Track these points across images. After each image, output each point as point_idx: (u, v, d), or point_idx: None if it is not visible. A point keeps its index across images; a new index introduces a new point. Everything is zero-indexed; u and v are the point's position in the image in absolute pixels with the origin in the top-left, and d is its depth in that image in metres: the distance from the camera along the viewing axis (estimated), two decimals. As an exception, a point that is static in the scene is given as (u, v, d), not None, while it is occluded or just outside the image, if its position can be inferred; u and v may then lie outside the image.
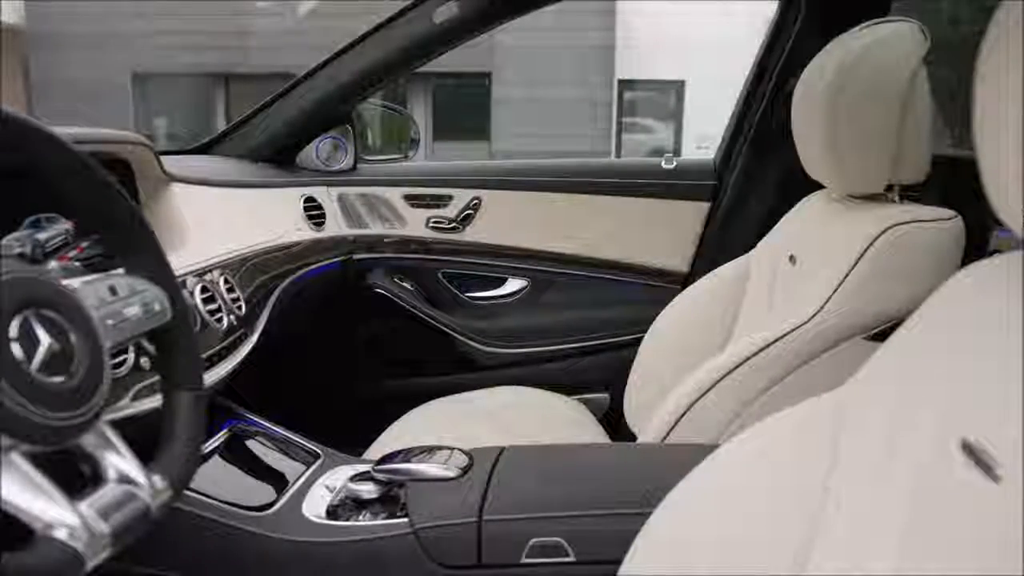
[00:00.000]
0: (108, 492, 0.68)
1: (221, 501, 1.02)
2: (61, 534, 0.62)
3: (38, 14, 11.99)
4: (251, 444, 1.22)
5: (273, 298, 1.43)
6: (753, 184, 1.75)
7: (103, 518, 0.65)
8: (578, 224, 1.86)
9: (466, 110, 12.07)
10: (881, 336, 1.10)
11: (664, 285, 1.84)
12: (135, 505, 0.69)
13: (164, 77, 12.24)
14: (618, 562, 0.73)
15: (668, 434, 1.19)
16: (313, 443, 1.23)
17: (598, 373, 1.84)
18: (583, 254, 1.87)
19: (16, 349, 0.62)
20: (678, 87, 12.43)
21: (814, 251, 1.27)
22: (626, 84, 12.39)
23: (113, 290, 0.77)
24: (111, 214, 0.79)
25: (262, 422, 1.26)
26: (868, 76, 1.13)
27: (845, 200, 1.28)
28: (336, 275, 1.78)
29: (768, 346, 1.16)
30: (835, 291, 1.12)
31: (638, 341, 1.61)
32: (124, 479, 0.71)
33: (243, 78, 12.12)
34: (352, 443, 1.30)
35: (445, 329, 1.87)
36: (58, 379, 0.65)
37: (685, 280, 1.81)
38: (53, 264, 0.97)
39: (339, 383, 1.92)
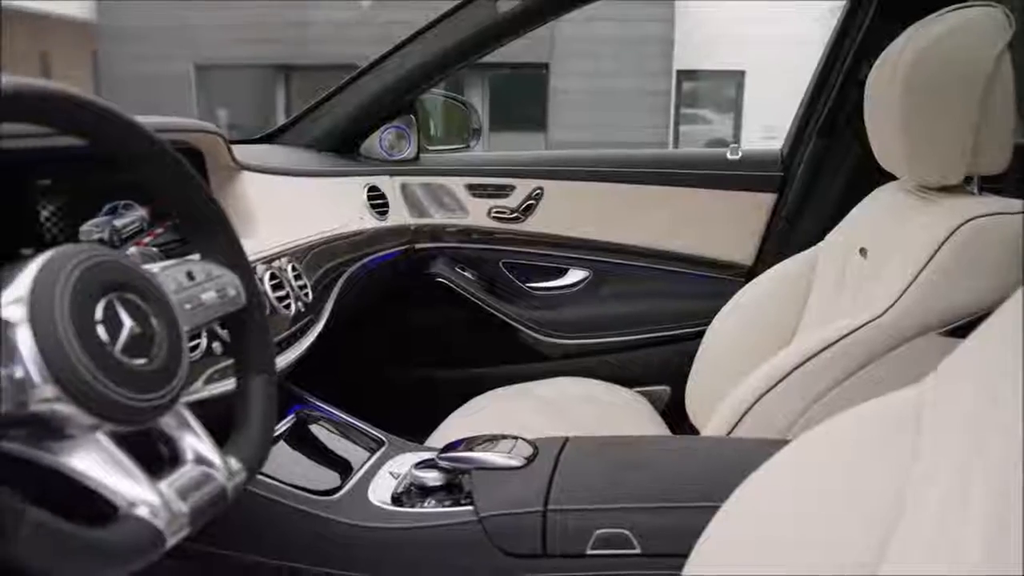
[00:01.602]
0: (186, 473, 0.70)
1: (289, 484, 1.04)
2: (143, 512, 0.64)
3: (108, 8, 12.32)
4: (316, 429, 1.23)
5: (338, 286, 1.44)
6: (822, 175, 1.72)
7: (182, 498, 0.67)
8: (641, 215, 1.84)
9: (522, 101, 12.07)
10: (958, 331, 1.07)
11: (727, 278, 1.81)
12: (212, 486, 0.70)
13: (226, 69, 12.48)
14: (684, 556, 0.72)
15: (734, 428, 1.18)
16: (376, 430, 1.25)
17: (659, 366, 1.82)
18: (645, 245, 1.85)
19: (101, 331, 0.64)
20: (738, 77, 12.25)
21: (887, 244, 1.24)
22: (685, 74, 12.24)
23: (190, 275, 0.78)
24: (190, 202, 0.80)
25: (327, 407, 1.28)
26: (948, 62, 1.10)
27: (920, 191, 1.24)
28: (398, 264, 1.79)
29: (838, 341, 1.13)
30: (910, 285, 1.09)
31: (700, 334, 1.59)
32: (201, 460, 0.72)
33: (303, 69, 12.31)
34: (411, 430, 1.31)
35: (505, 319, 1.87)
36: (140, 361, 0.66)
37: (749, 273, 1.78)
38: (132, 249, 1.00)
39: (399, 371, 1.94)
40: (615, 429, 1.43)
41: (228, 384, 0.99)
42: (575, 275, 1.90)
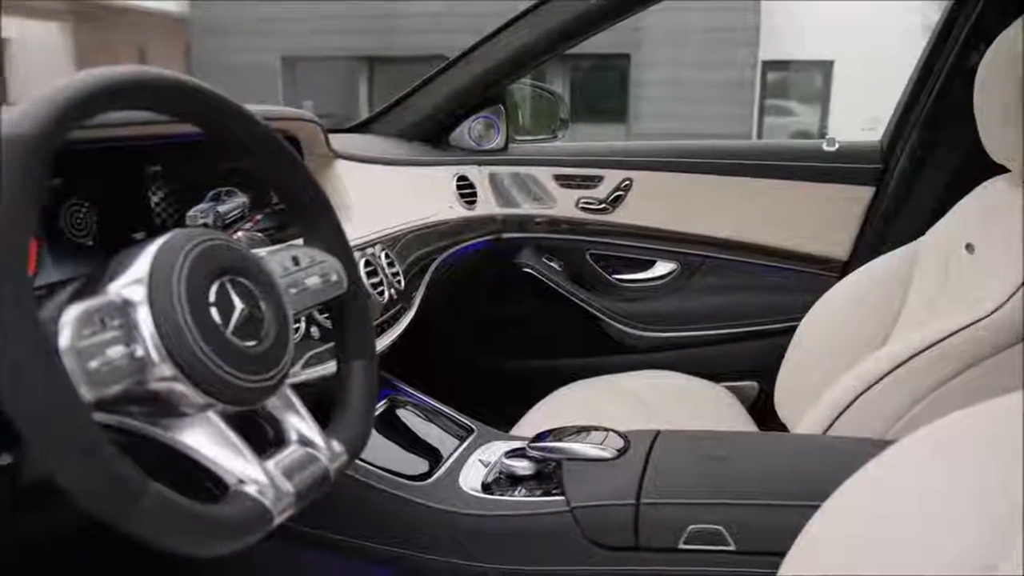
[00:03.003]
0: (291, 453, 0.72)
1: (381, 468, 1.05)
2: (251, 490, 0.65)
3: (200, 3, 12.72)
4: (406, 415, 1.25)
5: (428, 274, 1.46)
6: (924, 168, 1.65)
7: (288, 478, 0.68)
8: (731, 207, 1.81)
9: (604, 92, 11.98)
10: None
11: (821, 273, 1.76)
12: (316, 467, 0.72)
13: (311, 60, 12.74)
14: (780, 555, 0.71)
15: (830, 427, 1.15)
16: (465, 417, 1.26)
17: (747, 361, 1.79)
18: (735, 238, 1.82)
19: (214, 313, 0.66)
20: (825, 67, 11.91)
21: (997, 240, 1.19)
22: (770, 65, 11.96)
23: (295, 260, 0.80)
24: (296, 188, 0.82)
25: (417, 394, 1.30)
26: None
27: None
28: (486, 253, 1.80)
29: (941, 341, 1.09)
30: (1022, 285, 1.05)
31: (791, 330, 1.55)
32: (305, 442, 0.74)
33: (387, 61, 12.48)
34: (496, 419, 1.31)
35: (591, 310, 1.86)
36: (250, 343, 0.68)
37: (844, 268, 1.73)
38: (240, 234, 1.03)
39: (485, 359, 1.95)
40: (702, 424, 1.41)
41: (324, 368, 1.01)
42: (663, 267, 1.88)
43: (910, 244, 1.44)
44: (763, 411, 1.62)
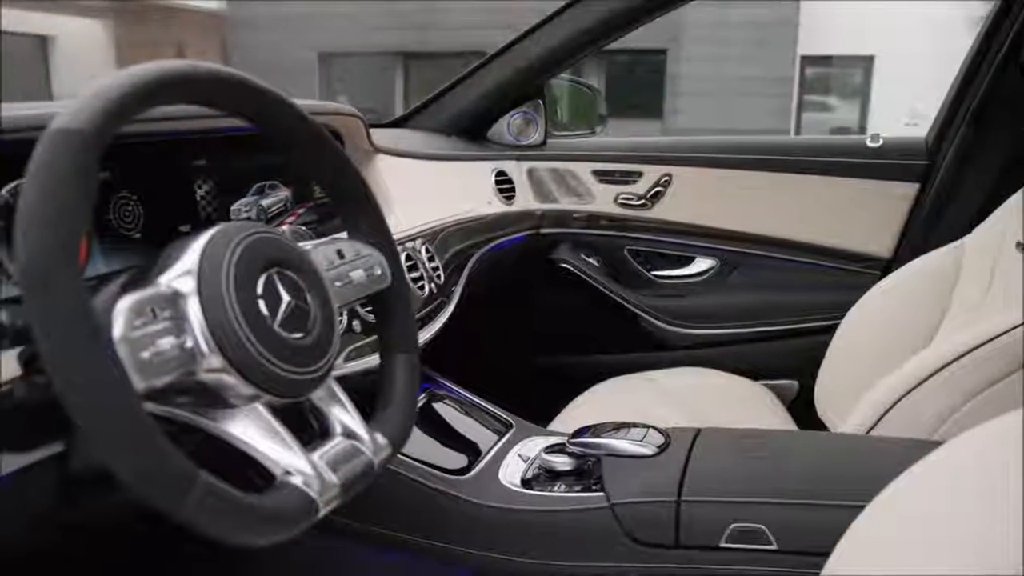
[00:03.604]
0: (336, 445, 0.72)
1: (422, 462, 1.06)
2: (297, 481, 0.66)
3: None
4: (446, 409, 1.25)
5: (467, 269, 1.46)
6: (971, 165, 1.62)
7: (333, 470, 0.69)
8: (772, 203, 1.79)
9: (639, 87, 11.92)
10: None
11: (863, 270, 1.74)
12: (360, 460, 0.72)
13: (347, 56, 12.83)
14: (823, 555, 0.70)
15: (874, 427, 1.13)
16: (504, 412, 1.26)
17: (787, 359, 1.77)
18: (776, 235, 1.80)
19: (262, 305, 0.66)
20: (866, 63, 11.74)
21: (1048, 238, 1.16)
22: (809, 60, 11.82)
23: (340, 254, 0.80)
24: (342, 182, 0.82)
25: (455, 388, 1.30)
26: None
27: None
28: (524, 249, 1.80)
29: (989, 341, 1.07)
30: None
31: (832, 328, 1.53)
32: (350, 434, 0.74)
33: (422, 57, 12.52)
34: (533, 414, 1.31)
35: (629, 306, 1.85)
36: (296, 336, 0.69)
37: (887, 266, 1.71)
38: (285, 228, 1.04)
39: (522, 354, 1.95)
40: (741, 422, 1.40)
41: (366, 362, 1.02)
42: (702, 264, 1.86)
43: (956, 242, 1.41)
44: (802, 410, 1.60)
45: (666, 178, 1.82)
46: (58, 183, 0.55)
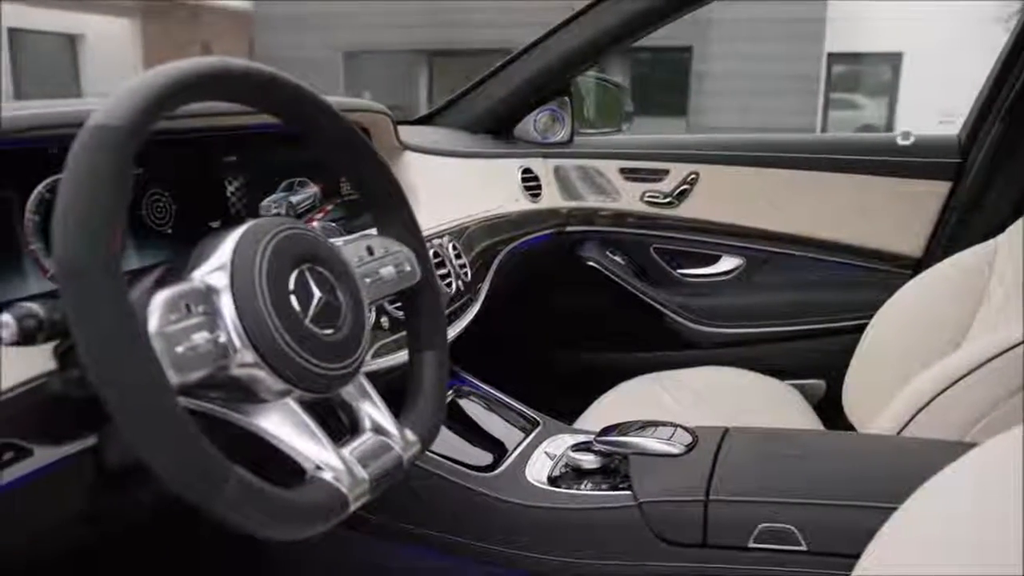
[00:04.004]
0: (366, 441, 0.72)
1: (448, 459, 1.06)
2: (328, 476, 0.66)
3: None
4: (472, 406, 1.26)
5: (493, 267, 1.46)
6: (1006, 162, 1.60)
7: (363, 465, 0.69)
8: (800, 202, 1.77)
9: (663, 85, 11.87)
10: None
11: (892, 270, 1.72)
12: (390, 456, 0.72)
13: (371, 54, 12.87)
14: (854, 556, 0.69)
15: (904, 427, 1.12)
16: (530, 409, 1.25)
17: (814, 358, 1.75)
18: (804, 233, 1.78)
19: (293, 301, 0.67)
20: (894, 60, 11.62)
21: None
22: (836, 57, 11.71)
23: (370, 250, 0.81)
24: (372, 179, 0.83)
25: (481, 385, 1.30)
26: None
27: None
28: (549, 246, 1.79)
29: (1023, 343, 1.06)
30: None
31: (860, 328, 1.52)
32: (379, 430, 0.74)
33: (446, 54, 12.54)
34: (558, 412, 1.31)
35: (655, 305, 1.84)
36: (327, 331, 0.69)
37: (917, 266, 1.69)
38: (316, 224, 1.04)
39: (546, 352, 1.95)
40: (767, 421, 1.39)
41: (393, 358, 1.02)
42: (728, 262, 1.85)
43: (988, 241, 1.39)
44: (829, 410, 1.59)
45: (693, 176, 1.81)
46: (96, 179, 0.55)
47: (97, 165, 0.56)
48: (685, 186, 1.82)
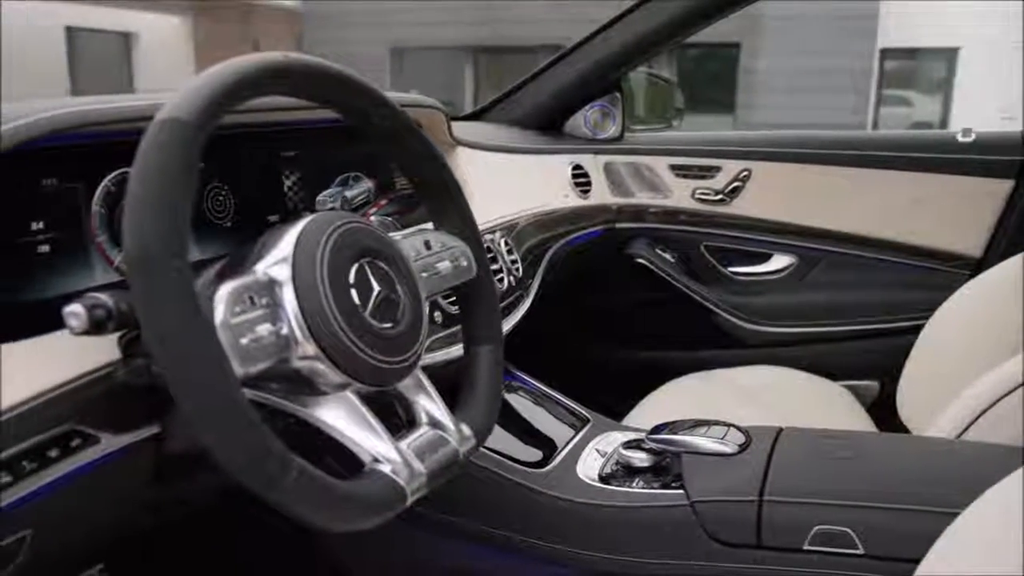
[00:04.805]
0: (422, 435, 0.73)
1: (499, 454, 1.06)
2: (386, 468, 0.67)
3: (312, -3, 13.10)
4: (522, 402, 1.26)
5: (543, 263, 1.46)
6: None
7: (420, 459, 0.69)
8: (855, 199, 1.74)
9: (711, 81, 11.75)
10: None
11: (951, 270, 1.68)
12: (447, 450, 0.73)
13: (418, 51, 12.95)
14: (913, 561, 0.68)
15: (964, 431, 1.10)
16: (581, 406, 1.25)
17: (868, 359, 1.72)
18: (859, 232, 1.75)
19: (354, 295, 0.67)
20: (949, 55, 11.35)
21: None
22: (889, 53, 11.47)
23: (427, 244, 0.81)
24: (430, 174, 0.83)
25: (531, 381, 1.30)
26: None
27: None
28: (599, 243, 1.79)
29: None
30: None
31: (916, 329, 1.48)
32: (435, 424, 0.75)
33: (492, 51, 12.57)
34: (606, 409, 1.30)
35: (705, 303, 1.82)
36: (386, 325, 0.69)
37: (977, 266, 1.65)
38: (373, 219, 1.05)
39: (594, 349, 1.94)
40: (819, 422, 1.36)
41: (445, 353, 1.03)
42: (780, 261, 1.82)
43: None
44: (883, 412, 1.56)
45: (745, 173, 1.79)
46: (166, 172, 0.56)
47: (167, 159, 0.57)
48: (737, 183, 1.79)
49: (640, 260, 1.84)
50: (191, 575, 1.17)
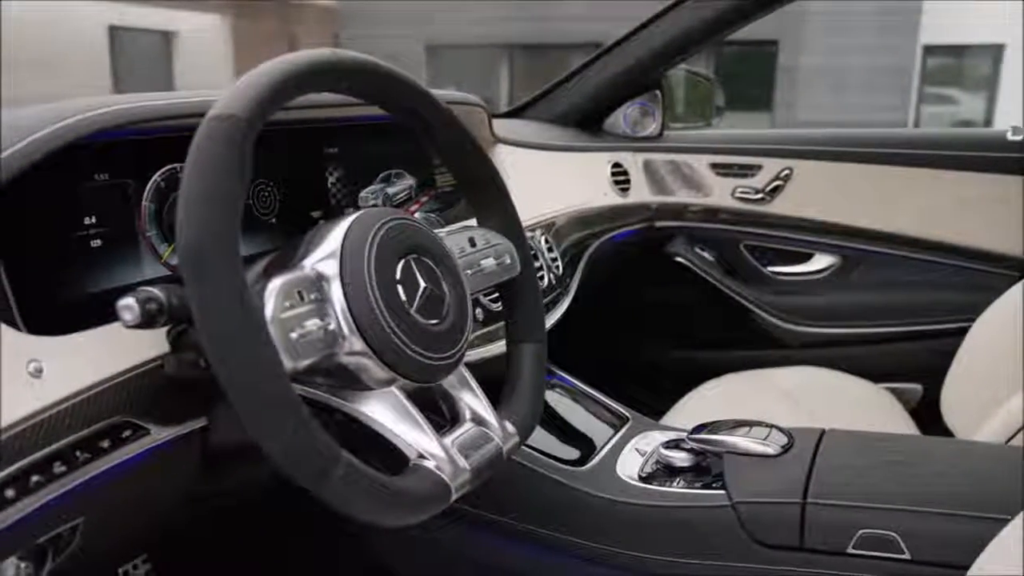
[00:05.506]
0: (466, 431, 0.73)
1: (539, 451, 1.06)
2: (431, 464, 0.67)
3: (348, -7, 13.19)
4: (561, 400, 1.25)
5: (583, 261, 1.46)
6: None
7: (464, 455, 0.70)
8: (898, 199, 1.71)
9: (748, 79, 11.61)
10: None
11: (997, 271, 1.65)
12: (490, 446, 0.73)
13: (454, 48, 12.98)
14: (962, 568, 0.67)
15: (1013, 437, 1.08)
16: (620, 405, 1.25)
17: (911, 361, 1.70)
18: (903, 232, 1.72)
19: (400, 291, 0.68)
20: (995, 52, 11.12)
21: None
22: (931, 50, 11.27)
23: (472, 241, 0.81)
24: (475, 171, 0.83)
25: (571, 379, 1.30)
26: None
27: None
28: (637, 241, 1.78)
29: None
30: None
31: (962, 331, 1.46)
32: (479, 421, 0.75)
33: (527, 48, 12.57)
34: (644, 408, 1.30)
35: (744, 302, 1.81)
36: (432, 322, 0.70)
37: None
38: (418, 215, 1.05)
39: (633, 348, 1.93)
40: (860, 424, 1.34)
41: (487, 350, 1.03)
42: (822, 261, 1.80)
43: None
44: (927, 415, 1.53)
45: (786, 171, 1.77)
46: (218, 168, 0.57)
47: (219, 155, 0.57)
48: (778, 182, 1.77)
49: (679, 259, 1.83)
50: (231, 570, 1.19)
